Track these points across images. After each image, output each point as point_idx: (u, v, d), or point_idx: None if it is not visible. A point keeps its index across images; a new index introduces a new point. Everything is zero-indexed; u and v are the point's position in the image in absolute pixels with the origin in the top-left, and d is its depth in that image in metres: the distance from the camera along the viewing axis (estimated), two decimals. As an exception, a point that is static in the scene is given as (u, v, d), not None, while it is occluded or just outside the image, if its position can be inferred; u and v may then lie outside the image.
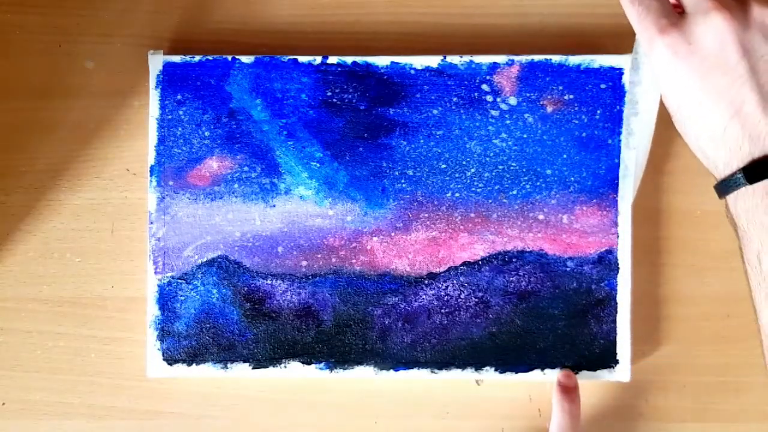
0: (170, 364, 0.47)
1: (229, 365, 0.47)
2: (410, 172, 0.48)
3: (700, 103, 0.37)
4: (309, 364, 0.47)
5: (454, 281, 0.47)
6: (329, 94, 0.48)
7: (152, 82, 0.47)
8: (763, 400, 0.49)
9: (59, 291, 0.49)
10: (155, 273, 0.47)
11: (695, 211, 0.49)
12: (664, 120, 0.49)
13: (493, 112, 0.48)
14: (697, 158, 0.39)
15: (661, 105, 0.43)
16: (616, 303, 0.47)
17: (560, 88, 0.47)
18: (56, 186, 0.49)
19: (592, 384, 0.49)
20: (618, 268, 0.47)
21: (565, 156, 0.47)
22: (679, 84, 0.37)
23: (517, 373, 0.47)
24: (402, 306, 0.47)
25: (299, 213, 0.47)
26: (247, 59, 0.47)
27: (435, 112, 0.47)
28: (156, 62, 0.47)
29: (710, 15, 0.37)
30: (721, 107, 0.37)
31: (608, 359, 0.47)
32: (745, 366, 0.49)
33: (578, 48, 0.48)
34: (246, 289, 0.47)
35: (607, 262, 0.47)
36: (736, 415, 0.49)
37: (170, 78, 0.47)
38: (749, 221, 0.37)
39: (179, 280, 0.47)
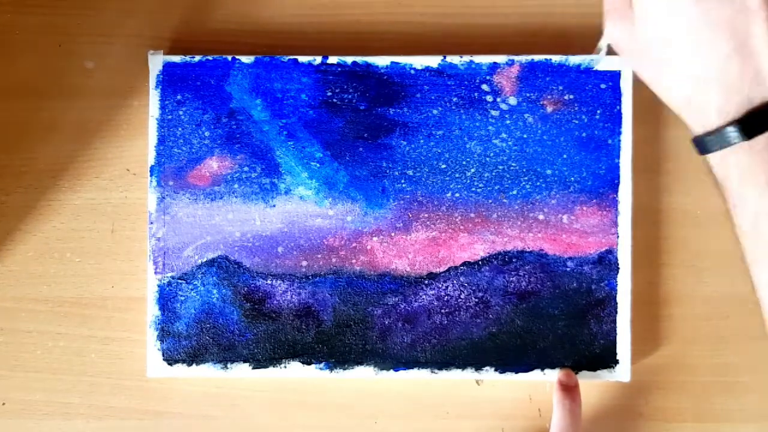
0: (170, 364, 0.47)
1: (229, 365, 0.47)
2: (410, 172, 0.48)
3: (697, 31, 0.32)
4: (309, 364, 0.47)
5: (454, 281, 0.47)
6: (329, 94, 0.48)
7: (152, 82, 0.47)
8: (763, 400, 0.49)
9: (59, 291, 0.49)
10: (155, 273, 0.47)
11: (695, 211, 0.49)
12: (663, 121, 0.49)
13: (493, 112, 0.48)
14: (695, 156, 0.39)
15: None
16: (616, 303, 0.47)
17: (560, 88, 0.47)
18: (56, 186, 0.49)
19: (592, 384, 0.49)
20: (618, 268, 0.47)
21: (565, 156, 0.47)
22: (675, 7, 0.32)
23: (517, 373, 0.47)
24: (402, 306, 0.47)
25: (299, 213, 0.47)
26: (247, 59, 0.47)
27: (435, 112, 0.47)
28: (156, 62, 0.47)
29: None
30: (721, 39, 0.31)
31: (608, 359, 0.47)
32: (745, 366, 0.49)
33: (578, 48, 0.48)
34: (246, 289, 0.47)
35: (607, 262, 0.47)
36: (736, 415, 0.49)
37: (170, 78, 0.47)
38: (743, 180, 0.32)
39: (179, 280, 0.47)
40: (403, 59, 0.47)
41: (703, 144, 0.33)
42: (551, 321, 0.47)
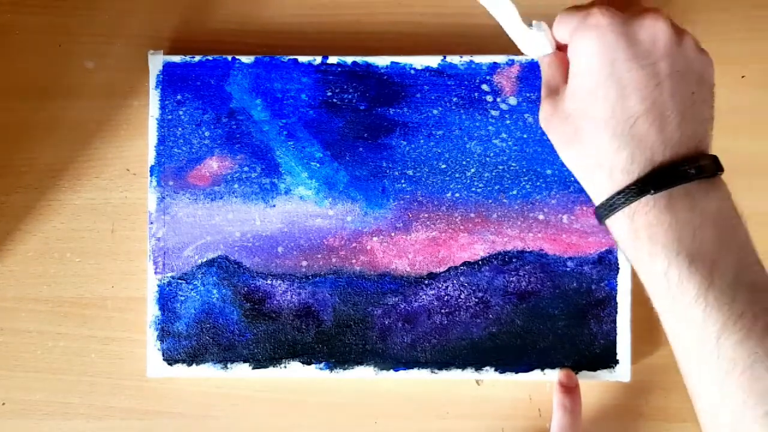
0: (170, 364, 0.47)
1: (229, 365, 0.47)
2: (410, 172, 0.48)
3: (612, 92, 0.34)
4: (309, 364, 0.47)
5: (454, 281, 0.47)
6: (329, 94, 0.48)
7: (152, 82, 0.47)
8: (763, 400, 0.49)
9: (59, 291, 0.49)
10: (155, 273, 0.47)
11: (695, 211, 0.49)
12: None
13: (493, 112, 0.48)
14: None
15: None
16: (616, 303, 0.47)
17: (560, 88, 0.47)
18: (56, 186, 0.49)
19: (592, 384, 0.49)
20: (618, 268, 0.47)
21: (565, 156, 0.47)
22: (596, 64, 0.35)
23: (517, 373, 0.47)
24: (402, 306, 0.47)
25: (299, 213, 0.47)
26: (247, 59, 0.47)
27: (435, 112, 0.47)
28: (156, 62, 0.47)
29: (643, 16, 0.35)
30: (634, 101, 0.34)
31: (608, 359, 0.47)
32: (745, 366, 0.49)
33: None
34: (246, 289, 0.47)
35: (607, 262, 0.47)
36: (736, 415, 0.49)
37: (170, 78, 0.47)
38: (652, 237, 0.34)
39: (179, 280, 0.47)
40: (403, 59, 0.47)
41: (611, 205, 0.35)
42: (551, 321, 0.47)
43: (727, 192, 0.35)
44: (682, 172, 0.34)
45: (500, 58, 0.47)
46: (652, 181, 0.34)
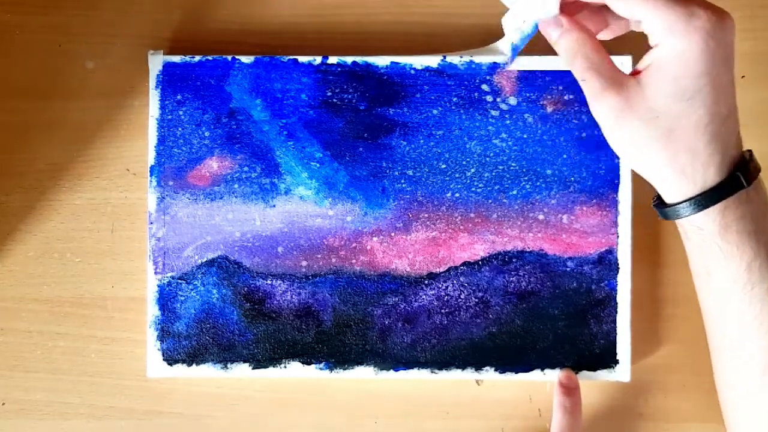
0: (170, 364, 0.47)
1: (229, 365, 0.47)
2: (410, 172, 0.48)
3: (714, 93, 0.35)
4: (309, 364, 0.47)
5: (454, 281, 0.47)
6: (329, 94, 0.48)
7: (152, 82, 0.47)
8: (763, 400, 0.49)
9: (59, 291, 0.49)
10: (155, 273, 0.47)
11: (695, 211, 0.49)
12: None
13: (493, 112, 0.48)
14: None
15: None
16: (616, 303, 0.47)
17: (560, 88, 0.47)
18: (56, 186, 0.49)
19: (592, 384, 0.49)
20: (618, 268, 0.47)
21: (565, 156, 0.47)
22: (698, 69, 0.34)
23: (517, 373, 0.47)
24: (402, 306, 0.47)
25: (299, 213, 0.47)
26: (247, 59, 0.47)
27: (435, 112, 0.47)
28: (156, 62, 0.47)
29: (727, 18, 0.35)
30: (724, 100, 0.35)
31: (608, 359, 0.47)
32: (745, 366, 0.49)
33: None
34: (246, 289, 0.47)
35: (607, 262, 0.47)
36: (736, 415, 0.49)
37: (170, 78, 0.47)
38: (740, 230, 0.36)
39: (179, 280, 0.47)
40: (403, 59, 0.47)
41: (702, 203, 0.36)
42: (551, 321, 0.47)
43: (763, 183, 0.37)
44: (755, 165, 0.36)
45: (500, 58, 0.47)
46: (746, 177, 0.35)
